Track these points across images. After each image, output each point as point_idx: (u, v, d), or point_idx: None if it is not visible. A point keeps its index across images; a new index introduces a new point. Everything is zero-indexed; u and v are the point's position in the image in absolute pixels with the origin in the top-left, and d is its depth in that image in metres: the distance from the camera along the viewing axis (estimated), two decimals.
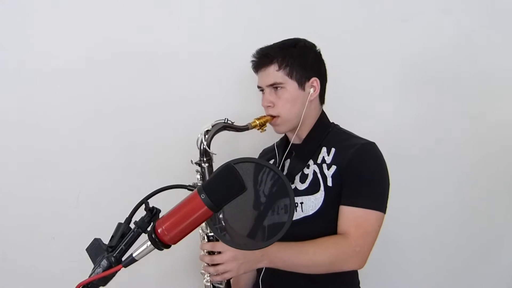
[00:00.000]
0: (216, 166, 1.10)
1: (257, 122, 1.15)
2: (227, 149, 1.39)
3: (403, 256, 1.68)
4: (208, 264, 1.06)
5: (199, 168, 1.11)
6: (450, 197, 1.68)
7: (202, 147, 1.09)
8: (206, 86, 1.51)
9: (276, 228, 0.93)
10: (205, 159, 1.10)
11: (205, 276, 1.10)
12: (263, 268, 1.17)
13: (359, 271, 1.18)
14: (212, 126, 1.09)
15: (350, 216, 1.08)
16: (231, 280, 1.13)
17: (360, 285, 1.22)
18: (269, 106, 1.18)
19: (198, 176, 1.12)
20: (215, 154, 1.10)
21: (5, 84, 1.38)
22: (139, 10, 1.46)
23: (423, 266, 1.69)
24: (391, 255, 1.64)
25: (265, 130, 1.18)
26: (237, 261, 1.02)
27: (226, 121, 1.11)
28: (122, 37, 1.45)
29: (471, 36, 1.65)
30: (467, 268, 1.71)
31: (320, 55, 1.23)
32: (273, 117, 1.17)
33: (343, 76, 1.31)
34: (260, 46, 1.22)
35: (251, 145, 1.49)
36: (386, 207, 1.11)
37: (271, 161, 1.30)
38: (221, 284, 1.11)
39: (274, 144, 1.36)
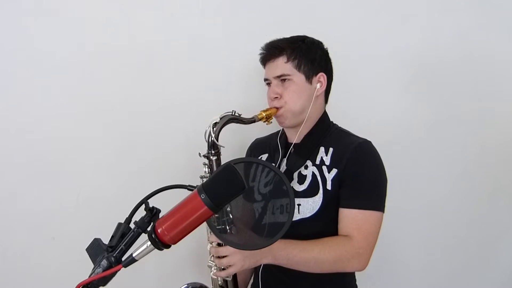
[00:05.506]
0: (223, 159, 1.09)
1: (264, 114, 1.13)
2: (233, 143, 1.40)
3: (401, 256, 1.68)
4: (213, 256, 1.06)
5: (206, 161, 1.10)
6: (449, 196, 1.68)
7: (210, 140, 1.07)
8: (206, 86, 1.51)
9: (276, 228, 0.93)
10: (213, 151, 1.09)
11: (212, 269, 1.09)
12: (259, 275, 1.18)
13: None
14: (220, 119, 1.08)
15: (351, 218, 1.08)
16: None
17: (357, 284, 1.23)
18: (276, 97, 1.16)
19: (206, 169, 1.11)
20: (223, 147, 1.09)
21: (5, 84, 1.38)
22: (139, 9, 1.46)
23: (422, 266, 1.69)
24: (389, 254, 1.64)
25: (271, 122, 1.17)
26: (242, 254, 1.02)
27: (233, 113, 1.10)
28: (122, 37, 1.44)
29: (471, 36, 1.65)
30: (466, 268, 1.71)
31: (327, 53, 1.23)
32: (278, 108, 1.16)
33: (343, 76, 1.31)
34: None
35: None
36: (384, 206, 1.11)
37: (265, 155, 1.29)
38: (228, 277, 1.10)
39: (271, 134, 1.34)
